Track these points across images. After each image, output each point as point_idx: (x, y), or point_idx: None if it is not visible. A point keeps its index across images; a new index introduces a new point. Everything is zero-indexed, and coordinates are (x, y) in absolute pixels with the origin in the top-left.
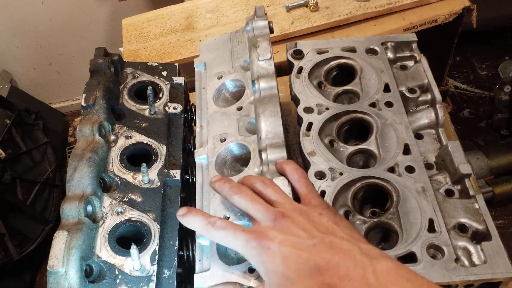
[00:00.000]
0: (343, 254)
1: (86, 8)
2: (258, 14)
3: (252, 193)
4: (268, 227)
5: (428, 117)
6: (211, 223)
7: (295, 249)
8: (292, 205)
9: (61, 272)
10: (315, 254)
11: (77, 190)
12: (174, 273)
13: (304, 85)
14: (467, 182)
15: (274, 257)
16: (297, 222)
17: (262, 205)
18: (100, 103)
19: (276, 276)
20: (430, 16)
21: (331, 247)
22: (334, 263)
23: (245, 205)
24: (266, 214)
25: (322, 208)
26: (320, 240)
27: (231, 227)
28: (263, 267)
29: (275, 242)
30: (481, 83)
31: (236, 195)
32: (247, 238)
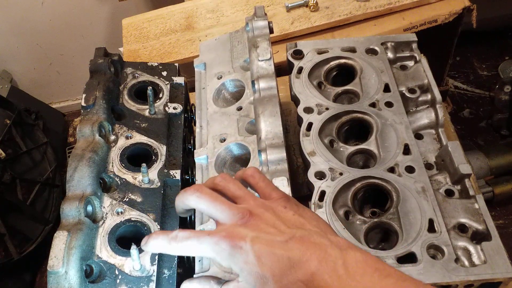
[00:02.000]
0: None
1: (86, 8)
2: (258, 14)
3: (212, 192)
4: (236, 226)
5: (428, 117)
6: (173, 238)
7: (268, 247)
8: (256, 201)
9: (61, 272)
10: (288, 251)
11: (77, 190)
12: (174, 273)
13: (304, 85)
14: (467, 182)
15: (247, 256)
16: (265, 218)
17: (225, 204)
18: (100, 103)
19: (250, 275)
20: (430, 16)
21: (302, 242)
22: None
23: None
24: (231, 212)
25: (284, 200)
26: (291, 236)
27: (194, 234)
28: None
29: (247, 240)
30: (481, 83)
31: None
32: (215, 240)
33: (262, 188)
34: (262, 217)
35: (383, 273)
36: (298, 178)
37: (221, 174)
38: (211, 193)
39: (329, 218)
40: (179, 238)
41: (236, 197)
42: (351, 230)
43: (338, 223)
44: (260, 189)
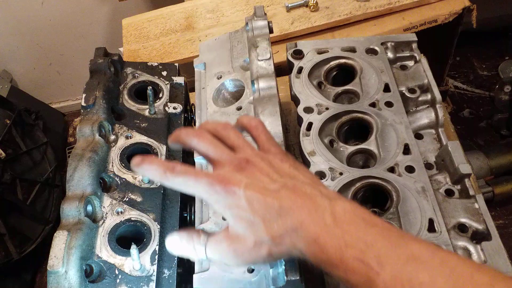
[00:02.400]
0: (305, 197)
1: (86, 8)
2: (257, 14)
3: (213, 137)
4: (232, 171)
5: (428, 117)
6: (169, 169)
7: (260, 194)
8: (254, 151)
9: (61, 272)
10: (279, 198)
11: (77, 190)
12: (174, 273)
13: (304, 85)
14: (467, 182)
15: (240, 201)
16: (260, 167)
17: (225, 150)
18: (100, 103)
19: (241, 220)
20: (430, 16)
21: (294, 191)
22: (296, 206)
23: (205, 148)
24: (228, 158)
25: (281, 154)
26: (283, 184)
27: (192, 172)
28: (229, 211)
29: (241, 186)
30: (481, 83)
31: (195, 138)
32: (211, 182)
33: (263, 141)
34: (257, 166)
35: (369, 223)
36: None
37: (224, 123)
38: (212, 139)
39: None
40: (176, 170)
41: (235, 146)
42: None
43: None
44: (261, 142)
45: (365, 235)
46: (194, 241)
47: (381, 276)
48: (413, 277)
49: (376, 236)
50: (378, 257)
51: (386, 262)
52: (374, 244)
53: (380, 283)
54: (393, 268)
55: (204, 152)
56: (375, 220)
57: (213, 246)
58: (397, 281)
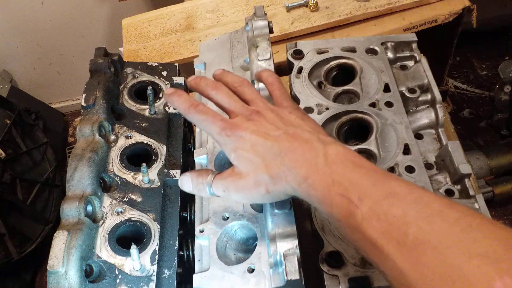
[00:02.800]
0: (302, 142)
1: (86, 8)
2: (257, 14)
3: (229, 91)
4: (243, 120)
5: (428, 117)
6: (193, 106)
7: (263, 138)
8: (265, 105)
9: (61, 272)
10: (279, 141)
11: (77, 190)
12: (174, 273)
13: (304, 85)
14: (467, 182)
15: (244, 144)
16: (268, 118)
17: (238, 102)
18: (100, 103)
19: (244, 160)
20: (430, 16)
21: (293, 136)
22: (293, 148)
23: (221, 100)
24: (241, 109)
25: (292, 108)
26: (285, 131)
27: (211, 114)
28: (234, 153)
29: (247, 131)
30: (481, 83)
31: (213, 91)
32: (224, 126)
33: (277, 96)
34: (266, 117)
35: (357, 164)
36: None
37: (242, 79)
38: (228, 92)
39: None
40: (198, 109)
41: (249, 100)
42: None
43: None
44: (275, 97)
45: (351, 175)
46: (203, 179)
47: (360, 209)
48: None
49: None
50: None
51: (365, 197)
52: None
53: (358, 215)
54: (371, 202)
55: (220, 103)
56: (364, 162)
57: (218, 181)
58: (374, 214)
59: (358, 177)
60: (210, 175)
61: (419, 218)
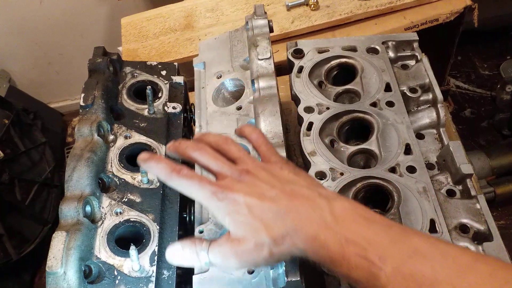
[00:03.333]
0: (303, 199)
1: (85, 7)
2: (257, 13)
3: (213, 151)
4: (233, 181)
5: (430, 117)
6: (176, 170)
7: (259, 199)
8: (254, 162)
9: (60, 273)
10: (277, 202)
11: (75, 190)
12: (173, 274)
13: (305, 84)
14: (468, 182)
15: (240, 208)
16: (260, 177)
17: (226, 162)
18: (98, 103)
19: (242, 225)
20: (431, 15)
21: (292, 194)
22: (294, 208)
23: (207, 161)
24: (230, 170)
25: (281, 163)
26: (281, 189)
27: (197, 177)
28: (228, 218)
29: (241, 194)
30: (483, 83)
31: (196, 152)
32: (214, 190)
33: (264, 152)
34: (257, 176)
35: (369, 220)
36: None
37: (225, 136)
38: (213, 152)
39: None
40: (182, 173)
41: (236, 158)
42: None
43: None
44: (262, 152)
45: (366, 232)
46: (196, 247)
47: (384, 271)
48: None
49: (377, 232)
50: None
51: (387, 257)
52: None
53: (383, 277)
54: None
55: (206, 165)
56: (375, 216)
57: (215, 249)
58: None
59: (374, 234)
60: (205, 242)
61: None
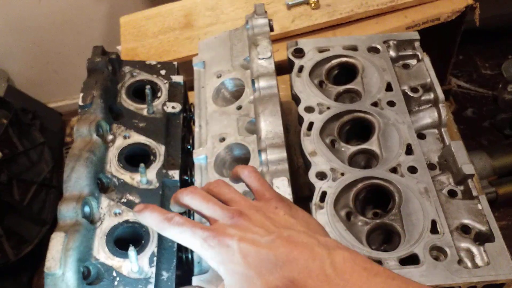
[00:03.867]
0: (302, 247)
1: (84, 6)
2: (258, 12)
3: (205, 193)
4: (226, 225)
5: (431, 117)
6: (167, 219)
7: (254, 246)
8: (247, 203)
9: (58, 274)
10: (274, 249)
11: (74, 190)
12: (173, 275)
13: (305, 84)
14: (470, 183)
15: (233, 255)
16: (254, 219)
17: (217, 204)
18: (97, 103)
19: (236, 275)
20: (433, 14)
21: (289, 241)
22: (293, 257)
23: (199, 205)
24: (222, 212)
25: (276, 200)
26: (278, 235)
27: (189, 224)
28: (223, 267)
29: (234, 239)
30: (484, 82)
31: (188, 195)
32: (205, 236)
33: (256, 188)
34: (251, 218)
35: (371, 272)
36: (299, 179)
37: (216, 180)
38: (205, 194)
39: (330, 219)
40: (173, 221)
41: (228, 200)
42: (353, 231)
43: (340, 224)
44: (254, 189)
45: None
46: None
47: None
48: None
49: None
50: None
51: None
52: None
53: None
54: None
55: (198, 210)
56: (377, 268)
57: None
58: None
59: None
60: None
61: None
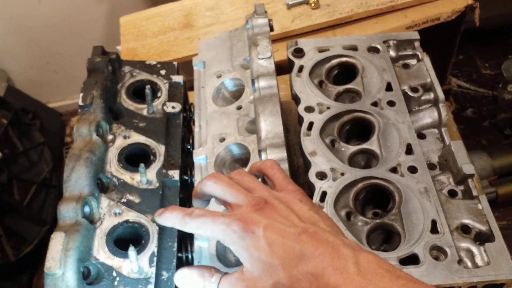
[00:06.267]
0: (327, 245)
1: (84, 6)
2: (258, 12)
3: (229, 179)
4: (250, 211)
5: (431, 117)
6: (188, 214)
7: (280, 236)
8: (270, 193)
9: (58, 274)
10: (300, 243)
11: (74, 190)
12: (172, 275)
13: (305, 84)
14: (470, 183)
15: (258, 242)
16: (279, 209)
17: (242, 191)
18: (97, 103)
19: (259, 262)
20: (433, 14)
21: (315, 237)
22: (318, 253)
23: (221, 191)
24: (246, 199)
25: (300, 194)
26: (304, 229)
27: (209, 214)
28: (246, 253)
29: (260, 226)
30: (484, 82)
31: (210, 181)
32: (228, 221)
33: (279, 180)
34: (276, 207)
35: (394, 274)
36: (299, 179)
37: (238, 169)
38: (228, 180)
39: None
40: (194, 214)
41: (251, 189)
42: (353, 231)
43: (340, 224)
44: (277, 180)
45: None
46: (205, 279)
47: None
48: None
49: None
50: None
51: None
52: None
53: None
54: None
55: (221, 197)
56: (399, 272)
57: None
58: None
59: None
60: (216, 275)
61: None
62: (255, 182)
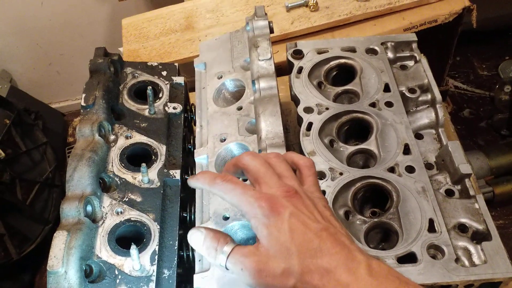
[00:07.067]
0: (344, 247)
1: (86, 8)
2: (258, 14)
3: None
4: (280, 196)
5: (428, 117)
6: (220, 177)
7: (304, 226)
8: (301, 187)
9: (61, 272)
10: (320, 238)
11: (76, 190)
12: (174, 273)
13: (304, 85)
14: (467, 182)
15: (282, 224)
16: (306, 204)
17: (275, 174)
18: (100, 103)
19: (277, 243)
20: (430, 16)
21: (335, 238)
22: (335, 251)
23: (256, 167)
24: (278, 183)
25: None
26: (326, 227)
27: (241, 183)
28: (266, 230)
29: (286, 211)
30: (481, 83)
31: (248, 156)
32: (257, 196)
33: (311, 183)
34: (303, 201)
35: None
36: None
37: (276, 153)
38: (264, 161)
39: None
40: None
41: (283, 176)
42: (351, 230)
43: None
44: (309, 183)
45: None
46: (218, 245)
47: None
48: None
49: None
50: None
51: None
52: None
53: None
54: None
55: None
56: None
57: (237, 257)
58: None
59: None
60: (229, 243)
61: None
62: (289, 172)
